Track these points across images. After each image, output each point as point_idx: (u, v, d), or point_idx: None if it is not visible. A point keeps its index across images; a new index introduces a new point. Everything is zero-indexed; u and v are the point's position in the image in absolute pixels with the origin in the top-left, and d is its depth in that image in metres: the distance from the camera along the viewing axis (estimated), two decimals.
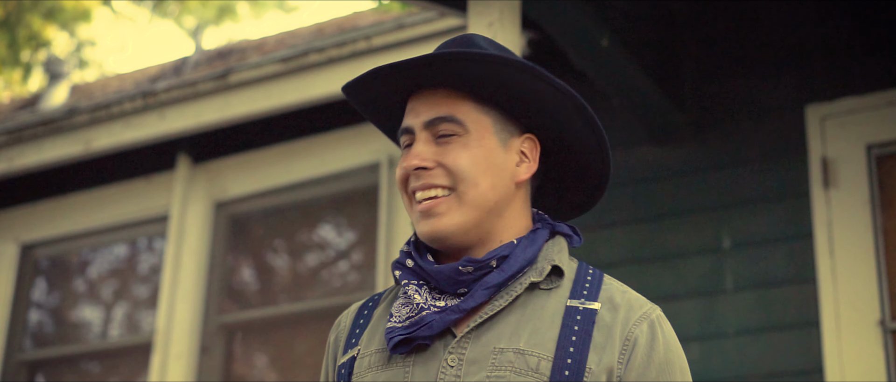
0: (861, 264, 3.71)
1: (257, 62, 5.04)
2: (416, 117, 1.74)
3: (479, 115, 1.74)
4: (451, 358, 1.63)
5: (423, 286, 1.70)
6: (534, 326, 1.65)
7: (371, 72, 1.75)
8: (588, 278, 1.73)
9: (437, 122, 1.72)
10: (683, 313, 3.89)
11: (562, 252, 1.74)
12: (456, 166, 1.70)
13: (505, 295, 1.67)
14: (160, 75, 6.43)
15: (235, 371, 5.24)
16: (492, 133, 1.73)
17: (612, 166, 1.82)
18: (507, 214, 1.73)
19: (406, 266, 1.73)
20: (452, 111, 1.72)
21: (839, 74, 3.95)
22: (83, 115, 5.38)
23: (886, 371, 3.59)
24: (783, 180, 3.93)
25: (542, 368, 1.61)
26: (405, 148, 1.76)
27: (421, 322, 1.65)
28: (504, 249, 1.69)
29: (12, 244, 5.84)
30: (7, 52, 13.40)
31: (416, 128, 1.74)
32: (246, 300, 5.43)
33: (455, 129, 1.71)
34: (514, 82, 1.72)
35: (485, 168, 1.71)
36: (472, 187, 1.69)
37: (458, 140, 1.71)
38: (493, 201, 1.71)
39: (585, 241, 4.56)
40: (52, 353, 5.82)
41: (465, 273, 1.67)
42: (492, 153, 1.72)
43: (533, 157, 1.76)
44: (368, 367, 1.70)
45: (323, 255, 5.37)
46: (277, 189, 5.23)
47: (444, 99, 1.74)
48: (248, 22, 16.45)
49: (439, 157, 1.71)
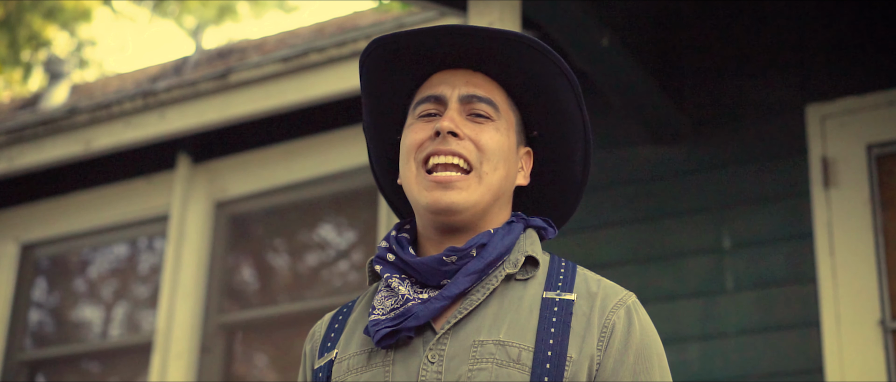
0: (861, 263, 3.71)
1: (257, 62, 5.04)
2: (452, 88, 1.73)
3: (509, 109, 1.76)
4: (432, 355, 1.62)
5: (406, 279, 1.69)
6: (512, 317, 1.64)
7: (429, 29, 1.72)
8: (561, 269, 1.73)
9: (475, 99, 1.72)
10: (684, 313, 3.88)
11: (535, 244, 1.74)
12: (488, 146, 1.70)
13: (481, 289, 1.66)
14: (160, 75, 6.43)
15: (236, 371, 5.24)
16: (514, 131, 1.76)
17: (579, 203, 1.85)
18: (498, 207, 1.74)
19: (387, 260, 1.72)
20: (492, 96, 1.73)
21: (839, 74, 3.95)
22: (83, 114, 5.38)
23: (887, 371, 3.59)
24: (783, 180, 3.93)
25: (524, 358, 1.60)
26: (423, 117, 1.74)
27: (407, 313, 1.64)
28: (482, 237, 1.69)
29: (12, 244, 5.84)
30: (7, 51, 13.40)
31: (451, 98, 1.73)
32: (246, 299, 5.43)
33: (491, 113, 1.72)
34: (553, 89, 1.74)
35: (506, 157, 1.72)
36: (493, 171, 1.70)
37: (491, 124, 1.72)
38: (503, 189, 1.73)
39: (585, 241, 4.58)
40: (52, 353, 5.82)
41: (448, 264, 1.66)
42: (512, 148, 1.74)
43: (527, 170, 1.79)
44: (348, 370, 1.69)
45: (323, 255, 5.37)
46: (277, 189, 5.23)
47: (484, 82, 1.75)
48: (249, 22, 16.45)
49: (471, 133, 1.70)
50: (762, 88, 4.07)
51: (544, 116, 1.78)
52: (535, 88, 1.75)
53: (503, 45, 1.71)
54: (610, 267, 4.00)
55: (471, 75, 1.75)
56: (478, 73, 1.75)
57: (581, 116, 1.78)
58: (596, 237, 4.13)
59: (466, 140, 1.69)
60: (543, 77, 1.74)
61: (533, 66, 1.73)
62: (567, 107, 1.76)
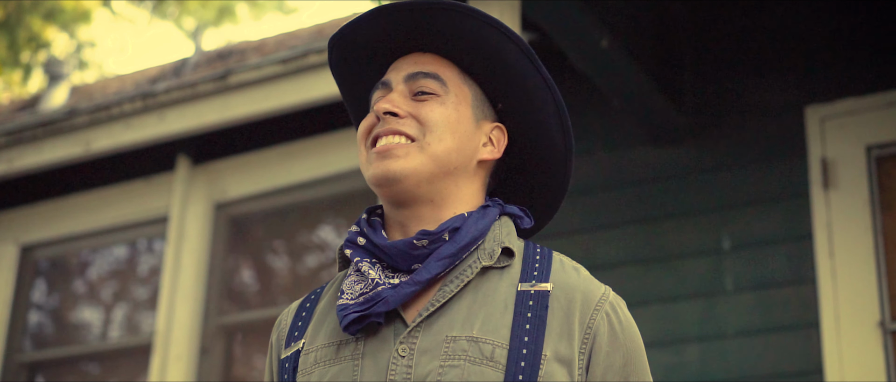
0: (861, 265, 3.71)
1: (257, 63, 5.04)
2: (398, 72, 1.73)
3: (461, 83, 1.73)
4: (402, 348, 1.58)
5: (376, 264, 1.65)
6: (487, 312, 1.60)
7: (360, 17, 1.73)
8: (537, 257, 1.69)
9: (419, 76, 1.70)
10: (683, 314, 3.88)
11: (510, 234, 1.70)
12: (427, 118, 1.67)
13: (455, 280, 1.62)
14: (160, 77, 6.43)
15: (235, 373, 5.23)
16: (469, 106, 1.72)
17: (573, 175, 1.80)
18: (464, 186, 1.70)
19: (357, 244, 1.68)
20: (437, 71, 1.71)
21: (839, 75, 3.95)
22: (83, 116, 5.38)
23: (886, 372, 3.59)
24: (783, 181, 3.94)
25: (498, 356, 1.56)
26: (374, 105, 1.72)
27: (376, 298, 1.59)
28: (455, 220, 1.65)
29: (12, 245, 5.84)
30: (7, 53, 13.41)
31: (395, 81, 1.71)
32: (246, 301, 5.43)
33: (436, 88, 1.70)
34: (503, 54, 1.70)
35: (454, 129, 1.68)
36: (437, 141, 1.66)
37: (436, 99, 1.69)
38: (452, 163, 1.68)
39: (585, 242, 4.58)
40: (51, 354, 5.82)
41: (419, 247, 1.62)
42: (464, 121, 1.70)
43: (498, 146, 1.74)
44: (315, 362, 1.64)
45: (323, 256, 5.37)
46: (277, 190, 5.23)
47: (432, 60, 1.73)
48: (248, 23, 16.45)
49: (413, 110, 1.68)
50: (762, 89, 4.07)
51: (504, 87, 1.74)
52: (485, 58, 1.72)
53: (442, 20, 1.70)
54: (610, 268, 4.00)
55: (419, 56, 1.74)
56: (428, 54, 1.74)
57: (541, 79, 1.73)
58: (595, 238, 4.12)
59: (408, 117, 1.67)
60: (489, 44, 1.71)
61: (477, 35, 1.70)
62: (521, 71, 1.72)
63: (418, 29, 1.72)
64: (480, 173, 1.73)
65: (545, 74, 1.73)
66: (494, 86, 1.75)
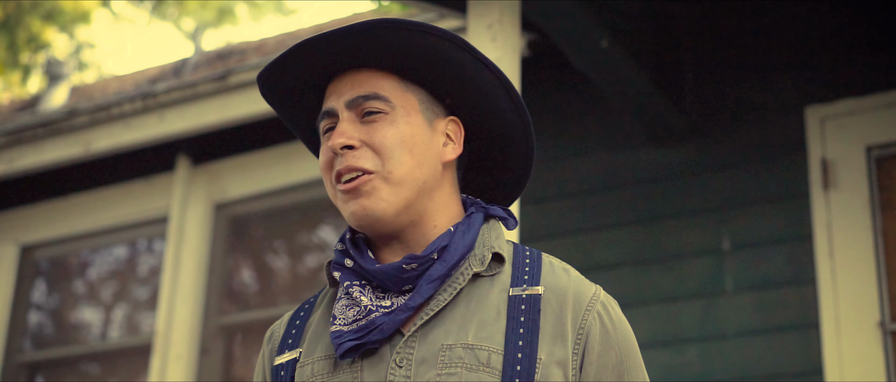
0: (861, 265, 3.71)
1: (257, 63, 5.04)
2: (339, 98, 1.69)
3: (404, 93, 1.69)
4: (399, 359, 1.58)
5: (367, 287, 1.64)
6: (480, 319, 1.60)
7: (283, 54, 1.69)
8: (526, 260, 1.68)
9: (361, 100, 1.67)
10: (683, 314, 3.88)
11: (499, 238, 1.69)
12: (383, 145, 1.64)
13: (448, 289, 1.62)
14: (160, 77, 6.43)
15: (235, 373, 5.24)
16: (418, 112, 1.69)
17: (536, 149, 1.77)
18: (438, 195, 1.69)
19: (345, 266, 1.67)
20: (377, 89, 1.68)
21: (839, 76, 3.95)
22: (83, 116, 5.38)
23: (886, 372, 3.59)
24: (783, 182, 3.94)
25: (494, 362, 1.56)
26: (326, 133, 1.70)
27: (370, 326, 1.59)
28: (443, 239, 1.64)
29: (12, 246, 5.84)
30: (7, 53, 13.41)
31: (339, 108, 1.68)
32: (246, 301, 5.43)
33: (381, 106, 1.66)
34: (437, 53, 1.68)
35: (411, 146, 1.65)
36: (398, 166, 1.63)
37: (385, 118, 1.66)
38: (421, 179, 1.66)
39: (585, 243, 4.58)
40: (51, 354, 5.82)
41: (408, 271, 1.62)
42: (418, 131, 1.67)
43: (457, 139, 1.72)
44: (313, 374, 1.63)
45: (323, 256, 5.37)
46: (277, 190, 5.24)
47: (368, 77, 1.69)
48: (247, 24, 16.45)
49: (365, 136, 1.65)
50: (762, 89, 4.07)
51: (446, 83, 1.71)
52: (420, 62, 1.69)
53: (366, 41, 1.66)
54: (609, 269, 4.00)
55: (355, 75, 1.70)
56: (363, 69, 1.70)
57: (474, 59, 1.70)
58: (595, 239, 4.12)
59: (363, 148, 1.64)
60: (420, 48, 1.68)
61: (406, 44, 1.67)
62: (459, 63, 1.69)
63: (346, 51, 1.69)
64: (448, 174, 1.72)
65: (482, 57, 1.70)
66: (437, 84, 1.72)
